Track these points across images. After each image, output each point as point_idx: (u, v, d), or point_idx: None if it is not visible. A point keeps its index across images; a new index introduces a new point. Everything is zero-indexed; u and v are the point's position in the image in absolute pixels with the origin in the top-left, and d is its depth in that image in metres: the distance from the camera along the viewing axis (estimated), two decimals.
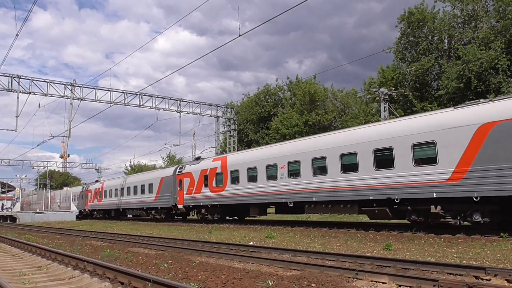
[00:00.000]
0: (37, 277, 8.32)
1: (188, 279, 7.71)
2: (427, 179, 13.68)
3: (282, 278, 7.42)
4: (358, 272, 7.36)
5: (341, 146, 16.84)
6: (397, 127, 15.31)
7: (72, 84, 33.90)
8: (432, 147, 13.63)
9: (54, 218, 42.55)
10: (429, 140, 13.73)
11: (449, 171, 13.09)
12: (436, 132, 13.56)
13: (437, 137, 13.50)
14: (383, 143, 15.20)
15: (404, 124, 15.10)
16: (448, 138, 13.21)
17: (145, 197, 32.51)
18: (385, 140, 15.13)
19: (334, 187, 16.81)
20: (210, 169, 25.03)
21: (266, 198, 20.66)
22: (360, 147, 15.98)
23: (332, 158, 17.04)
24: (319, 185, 17.48)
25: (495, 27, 30.53)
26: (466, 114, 13.10)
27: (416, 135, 14.13)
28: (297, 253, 10.38)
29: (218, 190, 23.94)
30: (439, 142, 13.44)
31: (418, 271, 7.57)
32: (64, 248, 13.82)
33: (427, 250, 10.48)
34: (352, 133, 17.24)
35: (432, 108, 31.64)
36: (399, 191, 14.53)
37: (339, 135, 17.89)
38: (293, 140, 23.20)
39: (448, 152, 13.18)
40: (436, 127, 13.63)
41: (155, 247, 13.35)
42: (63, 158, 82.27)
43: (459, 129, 12.93)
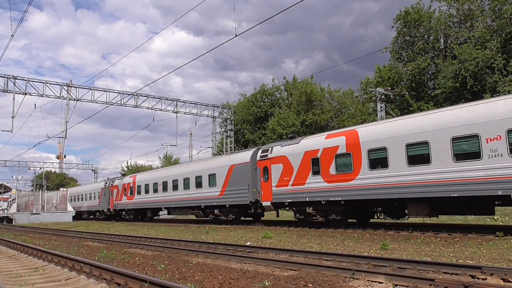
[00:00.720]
0: (34, 279, 8.29)
1: (185, 279, 7.70)
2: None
3: (279, 278, 7.42)
4: (354, 272, 7.37)
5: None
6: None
7: (68, 85, 33.85)
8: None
9: (51, 219, 42.45)
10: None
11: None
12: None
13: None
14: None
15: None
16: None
17: (204, 192, 25.28)
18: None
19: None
20: (324, 149, 17.65)
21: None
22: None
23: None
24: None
25: (490, 26, 30.68)
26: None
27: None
28: (294, 253, 10.38)
29: (342, 180, 16.79)
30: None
31: (414, 271, 7.59)
32: (61, 249, 13.77)
33: (424, 250, 10.51)
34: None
35: (428, 108, 31.76)
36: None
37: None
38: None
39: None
40: None
41: (152, 248, 13.33)
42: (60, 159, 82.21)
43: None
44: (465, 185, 12.72)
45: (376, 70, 40.53)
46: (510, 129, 11.92)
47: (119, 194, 37.17)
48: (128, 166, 73.01)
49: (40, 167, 74.39)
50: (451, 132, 13.17)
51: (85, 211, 46.23)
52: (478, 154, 12.51)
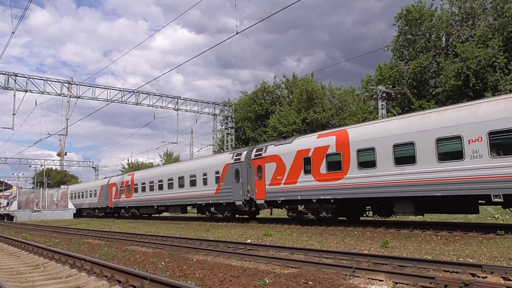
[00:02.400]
0: (34, 276, 8.30)
1: (185, 277, 7.72)
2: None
3: (279, 275, 7.43)
4: (355, 270, 7.37)
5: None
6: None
7: (69, 82, 33.86)
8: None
9: (52, 216, 42.52)
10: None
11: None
12: None
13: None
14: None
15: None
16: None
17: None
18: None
19: None
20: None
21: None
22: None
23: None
24: None
25: (492, 25, 30.58)
26: None
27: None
28: (294, 251, 10.39)
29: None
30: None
31: (414, 269, 7.60)
32: (62, 246, 13.80)
33: (424, 248, 10.52)
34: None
35: (429, 106, 31.72)
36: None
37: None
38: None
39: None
40: None
41: (152, 245, 13.35)
42: (60, 156, 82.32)
43: None
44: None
45: (376, 68, 40.48)
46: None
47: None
48: (129, 164, 73.06)
49: (41, 165, 74.50)
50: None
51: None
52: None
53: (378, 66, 40.41)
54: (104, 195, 40.43)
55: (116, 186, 37.71)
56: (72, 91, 33.70)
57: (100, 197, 41.34)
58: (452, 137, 13.13)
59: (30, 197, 48.08)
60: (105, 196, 39.90)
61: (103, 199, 40.56)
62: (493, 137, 12.21)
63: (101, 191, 41.26)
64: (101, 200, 40.92)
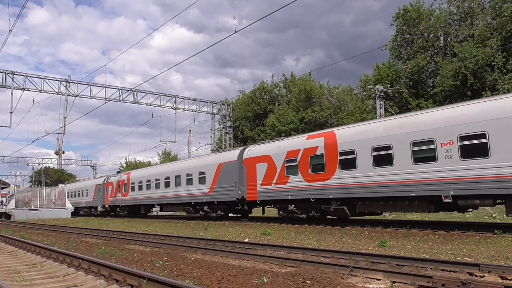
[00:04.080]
0: (32, 275, 8.28)
1: (183, 276, 7.71)
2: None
3: (277, 275, 7.43)
4: (353, 269, 7.38)
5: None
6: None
7: (67, 81, 33.72)
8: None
9: (49, 215, 42.44)
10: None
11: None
12: None
13: None
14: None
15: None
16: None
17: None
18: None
19: None
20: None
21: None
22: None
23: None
24: None
25: (491, 24, 30.61)
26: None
27: None
28: (292, 250, 10.40)
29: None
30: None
31: (412, 268, 7.61)
32: (59, 245, 13.77)
33: (422, 247, 10.54)
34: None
35: (427, 106, 31.74)
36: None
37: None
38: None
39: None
40: None
41: (150, 244, 13.34)
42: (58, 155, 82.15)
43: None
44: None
45: (374, 68, 40.50)
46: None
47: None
48: (127, 163, 72.97)
49: (38, 163, 74.22)
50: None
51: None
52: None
53: (375, 65, 40.44)
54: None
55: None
56: (70, 89, 33.57)
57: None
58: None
59: (28, 196, 47.97)
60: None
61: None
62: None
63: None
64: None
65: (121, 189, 36.19)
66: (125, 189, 35.38)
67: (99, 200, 40.42)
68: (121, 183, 36.33)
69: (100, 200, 40.26)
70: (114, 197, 37.39)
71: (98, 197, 40.88)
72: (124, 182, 35.87)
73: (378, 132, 15.62)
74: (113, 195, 37.55)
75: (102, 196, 39.79)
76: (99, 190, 40.75)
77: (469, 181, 12.58)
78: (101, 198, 39.89)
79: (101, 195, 40.05)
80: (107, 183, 39.30)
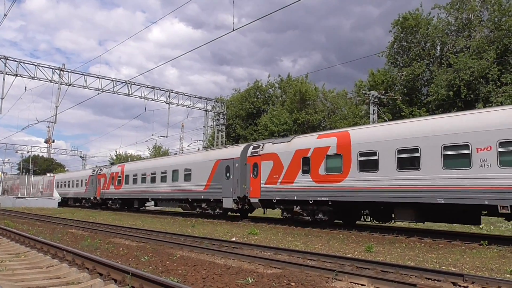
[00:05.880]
0: (15, 264, 8.18)
1: (168, 272, 7.66)
2: None
3: (262, 275, 7.42)
4: (338, 273, 7.39)
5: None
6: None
7: (61, 69, 33.42)
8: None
9: (36, 204, 42.00)
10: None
11: None
12: None
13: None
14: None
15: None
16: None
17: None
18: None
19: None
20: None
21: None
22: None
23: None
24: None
25: (488, 37, 30.87)
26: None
27: None
28: (278, 251, 10.39)
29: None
30: None
31: (397, 275, 7.63)
32: (44, 235, 13.64)
33: (408, 254, 10.58)
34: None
35: (420, 114, 31.95)
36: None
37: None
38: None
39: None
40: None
41: (136, 239, 13.26)
42: (48, 144, 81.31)
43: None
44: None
45: (369, 74, 40.72)
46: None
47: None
48: (117, 155, 72.50)
49: (27, 151, 73.48)
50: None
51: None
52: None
53: (370, 72, 40.67)
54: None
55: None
56: (63, 78, 33.28)
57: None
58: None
59: (15, 184, 47.48)
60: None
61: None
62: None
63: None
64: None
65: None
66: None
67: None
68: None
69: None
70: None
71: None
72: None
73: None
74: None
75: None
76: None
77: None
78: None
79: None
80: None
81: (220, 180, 22.61)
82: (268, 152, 20.04)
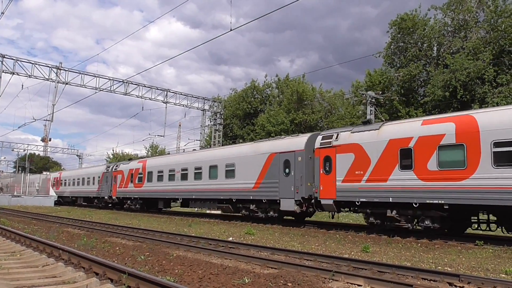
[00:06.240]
0: (10, 263, 8.15)
1: (164, 272, 7.65)
2: None
3: (259, 276, 7.41)
4: (334, 273, 7.40)
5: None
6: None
7: (58, 67, 33.30)
8: None
9: (32, 202, 41.87)
10: None
11: None
12: None
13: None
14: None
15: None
16: None
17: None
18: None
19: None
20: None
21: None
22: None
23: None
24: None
25: (484, 38, 30.98)
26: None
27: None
28: (275, 251, 10.39)
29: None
30: None
31: (393, 275, 7.65)
32: (40, 234, 13.58)
33: (404, 254, 10.62)
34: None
35: (417, 114, 32.02)
36: None
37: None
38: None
39: None
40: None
41: (133, 238, 13.23)
42: (45, 142, 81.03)
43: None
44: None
45: (366, 74, 40.81)
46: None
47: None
48: (114, 154, 72.32)
49: (24, 149, 73.18)
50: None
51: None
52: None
53: (367, 72, 40.74)
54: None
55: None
56: (60, 76, 33.17)
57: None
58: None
59: (11, 182, 47.30)
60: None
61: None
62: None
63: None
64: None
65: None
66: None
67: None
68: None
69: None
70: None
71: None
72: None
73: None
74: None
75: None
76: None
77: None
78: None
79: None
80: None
81: (275, 177, 19.19)
82: (346, 142, 16.34)
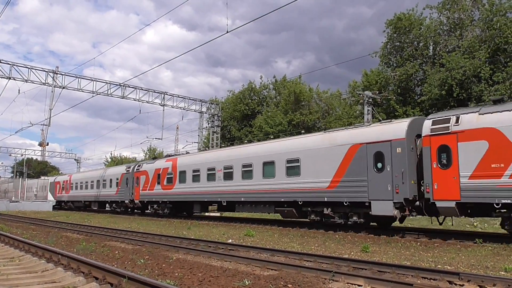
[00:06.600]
0: (9, 269, 8.11)
1: (164, 275, 7.64)
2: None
3: (259, 277, 7.41)
4: (334, 274, 7.40)
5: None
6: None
7: (54, 72, 33.21)
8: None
9: (30, 207, 41.72)
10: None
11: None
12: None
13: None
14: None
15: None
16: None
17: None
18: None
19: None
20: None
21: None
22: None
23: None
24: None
25: (479, 36, 31.11)
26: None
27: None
28: (275, 253, 10.38)
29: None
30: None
31: (393, 275, 7.66)
32: (39, 239, 13.53)
33: (403, 254, 10.62)
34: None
35: (414, 113, 32.09)
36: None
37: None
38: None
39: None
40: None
41: (132, 242, 13.20)
42: (42, 147, 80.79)
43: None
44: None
45: (363, 74, 40.89)
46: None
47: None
48: (112, 157, 72.20)
49: (21, 154, 73.01)
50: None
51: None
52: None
53: (364, 72, 40.83)
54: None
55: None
56: (57, 81, 33.08)
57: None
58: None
59: (9, 187, 47.15)
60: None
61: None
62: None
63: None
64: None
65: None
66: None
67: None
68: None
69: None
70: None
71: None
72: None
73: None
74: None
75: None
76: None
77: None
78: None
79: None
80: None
81: (361, 173, 15.50)
82: (475, 127, 12.71)
